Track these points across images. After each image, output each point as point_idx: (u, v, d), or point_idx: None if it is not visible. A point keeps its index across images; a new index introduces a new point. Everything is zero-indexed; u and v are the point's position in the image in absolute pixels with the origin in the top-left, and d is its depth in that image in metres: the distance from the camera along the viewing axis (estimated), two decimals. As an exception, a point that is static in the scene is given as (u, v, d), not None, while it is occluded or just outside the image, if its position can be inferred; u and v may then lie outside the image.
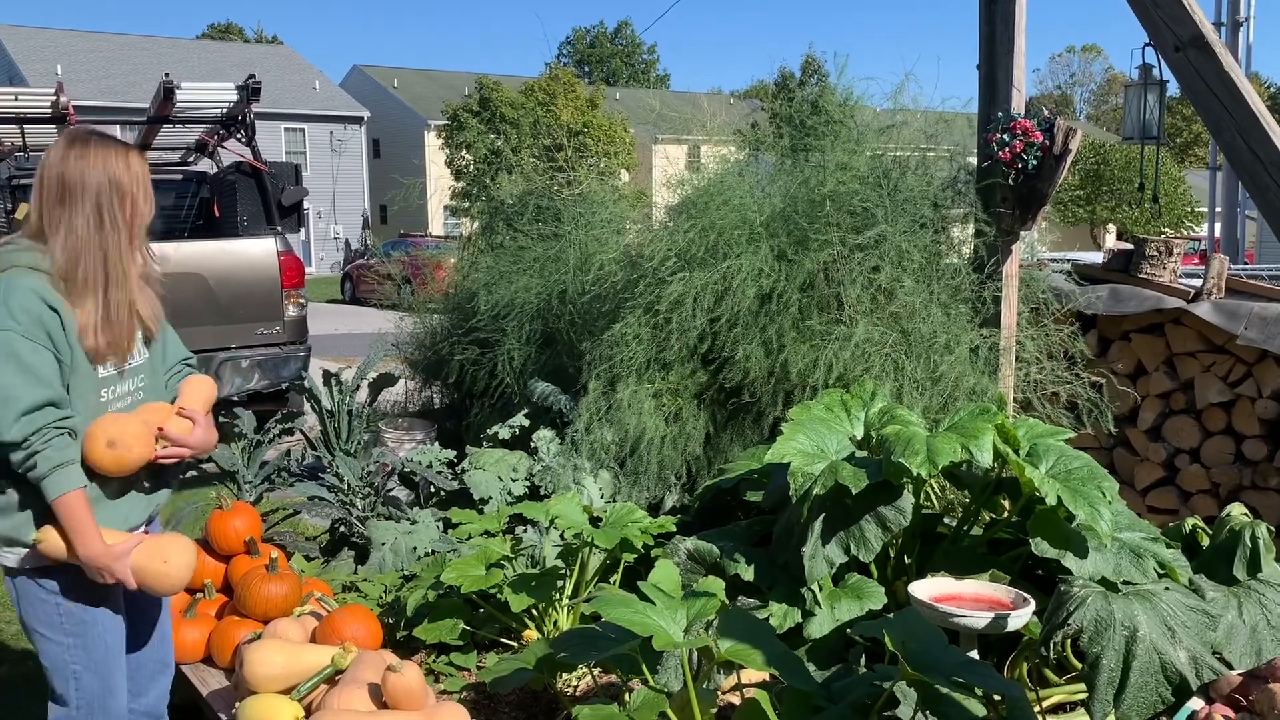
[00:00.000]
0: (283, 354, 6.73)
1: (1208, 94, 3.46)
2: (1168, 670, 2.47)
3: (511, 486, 4.14)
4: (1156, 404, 4.39)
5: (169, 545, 2.21)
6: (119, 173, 2.21)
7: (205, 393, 2.41)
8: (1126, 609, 2.53)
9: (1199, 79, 3.47)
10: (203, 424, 2.35)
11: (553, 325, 4.66)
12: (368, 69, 44.37)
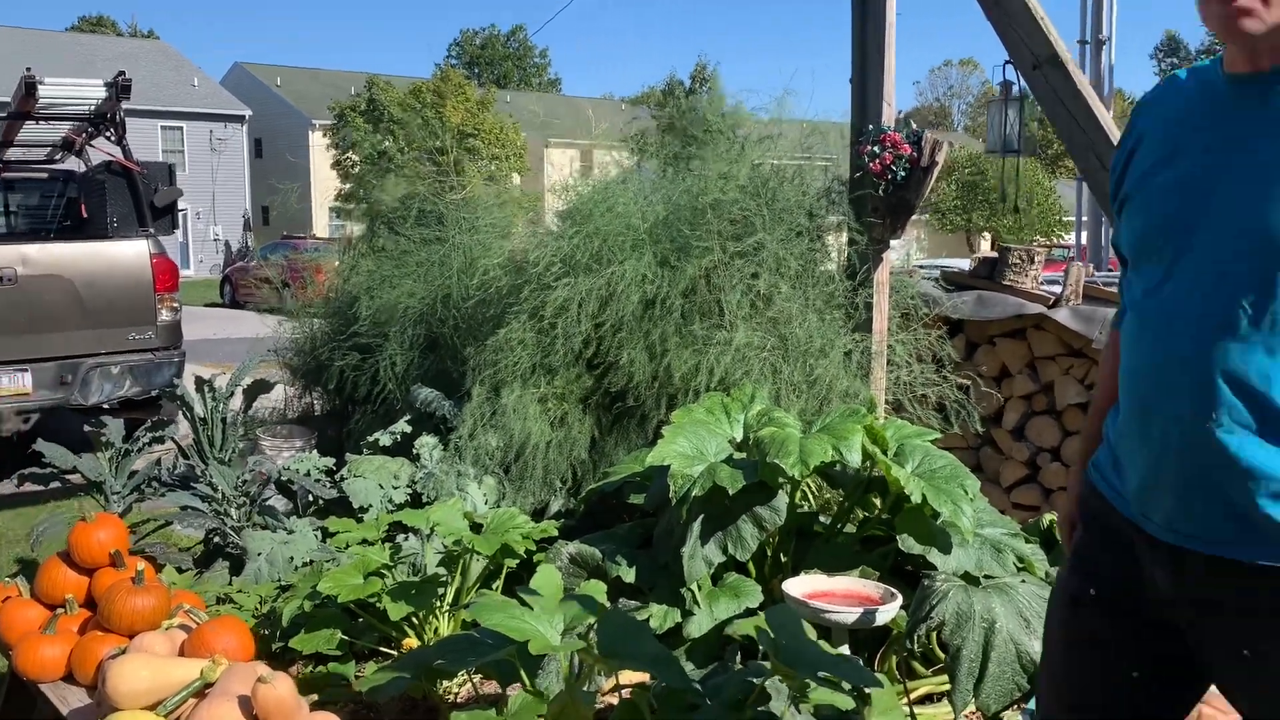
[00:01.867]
0: (155, 360, 6.51)
1: (1062, 110, 3.65)
2: (1023, 660, 2.60)
3: (393, 494, 4.10)
4: (1020, 405, 4.60)
5: None
6: None
7: None
8: (985, 602, 2.65)
9: (1054, 96, 3.66)
10: None
11: (436, 330, 4.64)
12: (250, 66, 43.18)
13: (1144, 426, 1.47)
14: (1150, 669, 1.56)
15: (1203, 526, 1.42)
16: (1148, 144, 1.55)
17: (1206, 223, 1.40)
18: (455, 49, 61.12)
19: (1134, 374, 1.50)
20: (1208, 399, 1.37)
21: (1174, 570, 1.46)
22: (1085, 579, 1.62)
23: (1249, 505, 1.37)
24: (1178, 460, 1.42)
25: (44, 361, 6.23)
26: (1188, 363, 1.40)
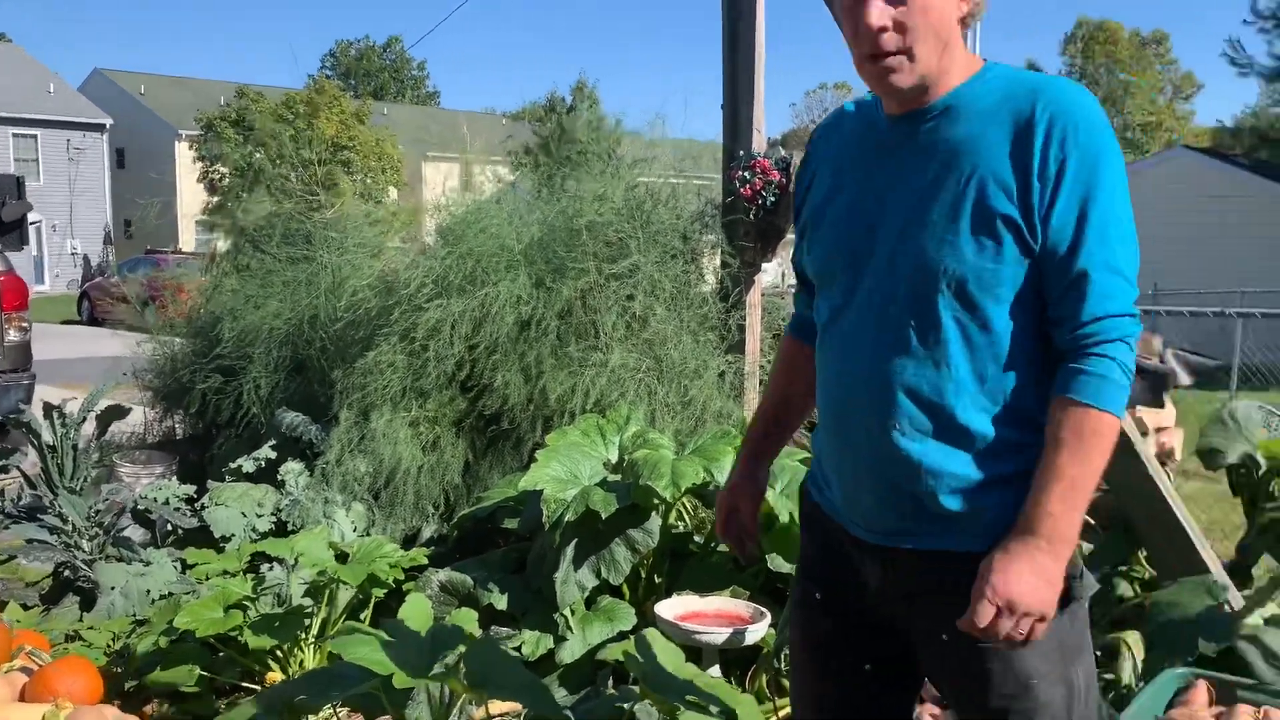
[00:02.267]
0: (3, 383, 6.17)
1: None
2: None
3: (256, 523, 3.96)
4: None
5: None
6: None
7: None
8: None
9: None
10: None
11: (303, 352, 4.51)
12: (111, 73, 41.46)
13: (841, 439, 1.62)
14: (875, 667, 1.69)
15: (897, 524, 1.57)
16: (821, 176, 1.69)
17: (873, 252, 1.56)
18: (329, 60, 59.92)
19: (828, 393, 1.65)
20: (889, 411, 1.54)
21: (880, 567, 1.61)
22: (811, 584, 1.75)
23: (933, 501, 1.53)
24: (870, 467, 1.58)
25: (-127, 384, 5.85)
26: (870, 380, 1.55)
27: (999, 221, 1.46)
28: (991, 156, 1.48)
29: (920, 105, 1.54)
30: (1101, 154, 1.47)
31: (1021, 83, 1.53)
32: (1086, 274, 1.45)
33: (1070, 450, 1.44)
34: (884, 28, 1.48)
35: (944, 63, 1.52)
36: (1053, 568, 1.44)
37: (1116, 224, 1.47)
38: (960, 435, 1.52)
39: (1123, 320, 1.46)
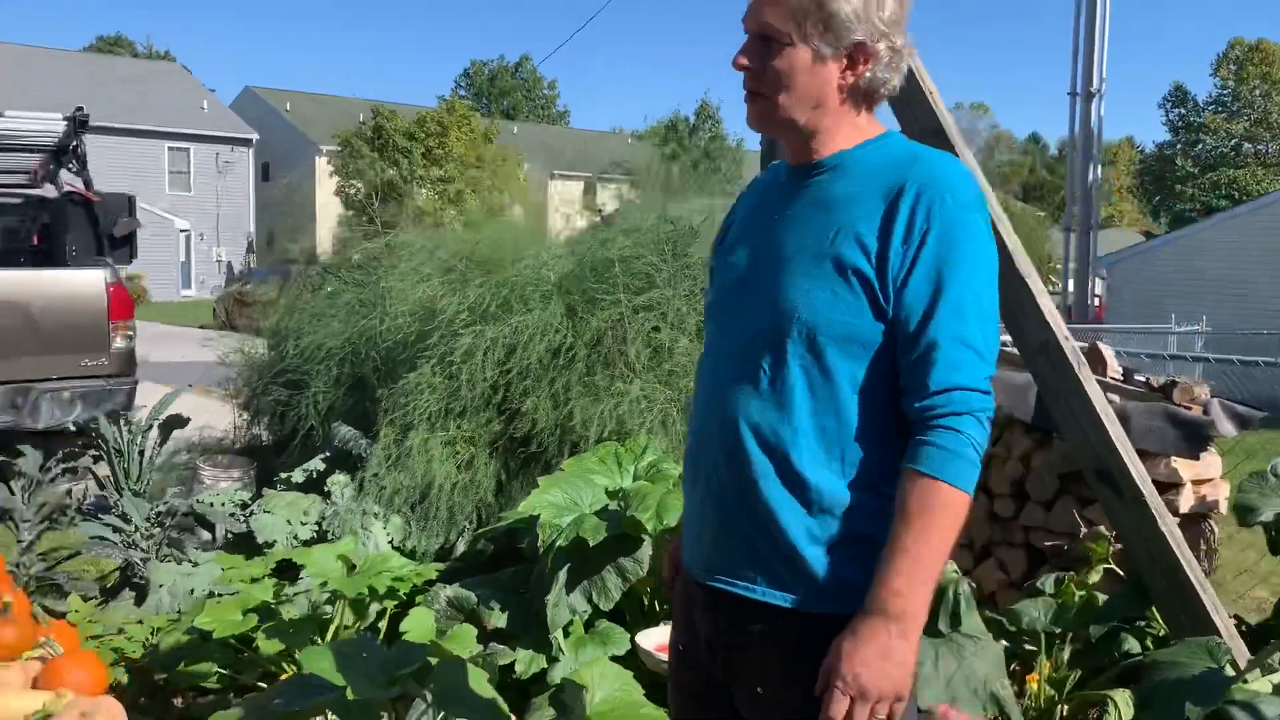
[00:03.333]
0: (107, 387, 6.64)
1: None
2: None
3: (299, 530, 4.21)
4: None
5: None
6: None
7: None
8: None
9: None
10: None
11: (359, 370, 4.76)
12: (260, 91, 43.72)
13: (692, 476, 1.67)
14: (728, 713, 1.66)
15: (727, 564, 1.59)
16: (735, 227, 1.77)
17: (748, 294, 1.62)
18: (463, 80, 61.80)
19: (690, 427, 1.71)
20: (734, 446, 1.57)
21: (710, 612, 1.63)
22: (678, 632, 1.78)
23: (768, 549, 1.54)
24: (714, 506, 1.60)
25: (-5, 385, 6.38)
26: (723, 414, 1.59)
27: (853, 277, 1.51)
28: (860, 216, 1.53)
29: (809, 160, 1.62)
30: (964, 228, 1.50)
31: (906, 152, 1.59)
32: (936, 344, 1.47)
33: (915, 525, 1.44)
34: (745, 66, 1.60)
35: (821, 121, 1.59)
36: (901, 647, 1.43)
37: (973, 299, 1.50)
38: (795, 483, 1.53)
39: (971, 395, 1.48)
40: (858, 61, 1.57)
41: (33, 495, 4.08)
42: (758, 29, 1.58)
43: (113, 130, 32.81)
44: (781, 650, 1.52)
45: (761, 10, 1.57)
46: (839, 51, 1.56)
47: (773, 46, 1.57)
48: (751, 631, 1.58)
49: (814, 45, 1.55)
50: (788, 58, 1.56)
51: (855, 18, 1.54)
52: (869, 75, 1.58)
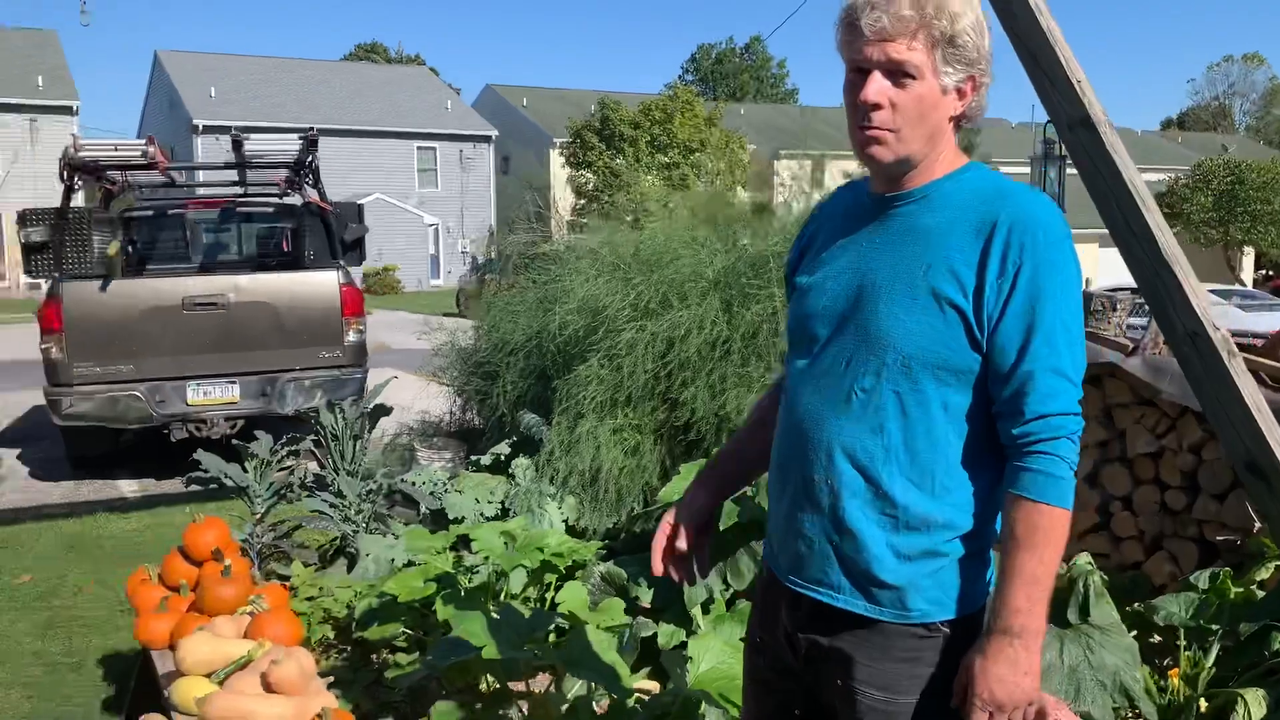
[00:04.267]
0: (341, 376, 7.44)
1: (1093, 170, 3.73)
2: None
3: (485, 509, 4.66)
4: (1094, 452, 4.60)
5: None
6: None
7: None
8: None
9: (1086, 156, 3.74)
10: None
11: (541, 362, 5.17)
12: (500, 88, 45.96)
13: (780, 483, 1.76)
14: (802, 713, 1.81)
15: (814, 574, 1.69)
16: (814, 245, 1.82)
17: (841, 319, 1.68)
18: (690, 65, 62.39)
19: (779, 438, 1.78)
20: (824, 466, 1.66)
21: (794, 612, 1.74)
22: (757, 624, 1.90)
23: (853, 561, 1.65)
24: (800, 515, 1.70)
25: (249, 375, 7.29)
26: (813, 434, 1.68)
27: (950, 310, 1.58)
28: (953, 250, 1.60)
29: (901, 189, 1.66)
30: (1055, 264, 1.57)
31: (992, 187, 1.64)
32: (1032, 374, 1.55)
33: (1026, 547, 1.55)
34: (878, 105, 1.59)
35: (929, 152, 1.63)
36: (1025, 659, 1.54)
37: (1064, 330, 1.57)
38: (885, 502, 1.62)
39: (1066, 419, 1.56)
40: (967, 92, 1.62)
41: (264, 474, 4.73)
42: (888, 63, 1.58)
43: (366, 133, 35.56)
44: (861, 655, 1.65)
45: (895, 43, 1.57)
46: (960, 81, 1.61)
47: (904, 81, 1.58)
48: (833, 635, 1.68)
49: (942, 79, 1.59)
50: (921, 93, 1.58)
51: (974, 50, 1.59)
52: (973, 104, 1.64)
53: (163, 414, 7.16)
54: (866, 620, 1.65)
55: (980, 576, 1.69)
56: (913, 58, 1.57)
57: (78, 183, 7.12)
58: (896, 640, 1.64)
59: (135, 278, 7.66)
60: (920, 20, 1.56)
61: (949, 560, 1.63)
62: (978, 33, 1.60)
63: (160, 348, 7.10)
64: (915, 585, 1.63)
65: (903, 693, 1.65)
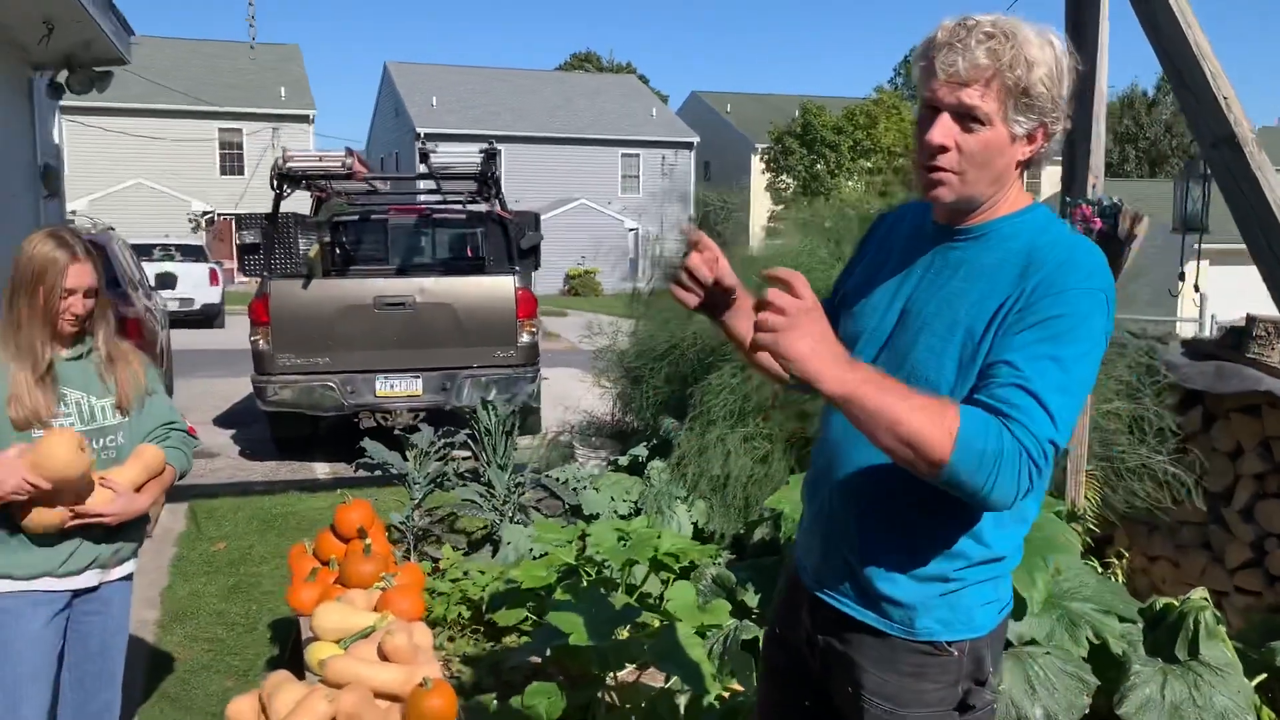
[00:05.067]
0: (514, 374, 7.87)
1: (1235, 189, 3.58)
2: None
3: (619, 507, 4.88)
4: (1251, 484, 4.36)
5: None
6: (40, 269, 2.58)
7: (143, 462, 2.74)
8: (994, 665, 2.87)
9: (1229, 175, 3.60)
10: (124, 494, 2.66)
11: (680, 369, 5.35)
12: (704, 95, 46.48)
13: (811, 493, 1.85)
14: (813, 706, 1.89)
15: (834, 583, 1.78)
16: (871, 258, 1.85)
17: (883, 341, 1.73)
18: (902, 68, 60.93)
19: (815, 450, 1.87)
20: (852, 486, 1.73)
21: (814, 614, 1.83)
22: (775, 617, 2.00)
23: (867, 576, 1.72)
24: (825, 527, 1.79)
25: (431, 371, 7.82)
26: (847, 455, 1.74)
27: (981, 354, 1.59)
28: (997, 292, 1.60)
29: (962, 224, 1.69)
30: (1078, 305, 1.55)
31: (1044, 233, 1.65)
32: (1006, 368, 1.52)
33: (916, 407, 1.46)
34: (944, 147, 1.60)
35: (993, 194, 1.65)
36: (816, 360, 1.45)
37: (1066, 371, 1.51)
38: (906, 526, 1.68)
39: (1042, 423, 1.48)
40: (1036, 138, 1.63)
41: (422, 464, 5.13)
42: (959, 106, 1.59)
43: (573, 140, 36.75)
44: (870, 665, 1.74)
45: (968, 89, 1.58)
46: (1030, 130, 1.61)
47: (973, 126, 1.59)
48: (847, 642, 1.77)
49: (1012, 127, 1.59)
50: (988, 139, 1.59)
51: (1049, 100, 1.59)
52: (1043, 149, 1.65)
53: (353, 403, 7.79)
54: (877, 632, 1.73)
55: (992, 602, 1.75)
56: (984, 105, 1.58)
57: (286, 190, 7.84)
58: (904, 655, 1.72)
59: (334, 278, 8.35)
60: (995, 69, 1.56)
61: (962, 585, 1.70)
62: (1052, 81, 1.59)
63: (353, 342, 7.73)
64: (926, 606, 1.69)
65: (906, 705, 1.73)
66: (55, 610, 2.70)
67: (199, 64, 35.34)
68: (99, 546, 2.72)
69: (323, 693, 2.79)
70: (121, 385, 2.77)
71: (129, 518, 2.71)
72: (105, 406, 2.75)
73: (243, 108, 34.17)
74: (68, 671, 2.82)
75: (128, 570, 2.88)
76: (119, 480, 2.67)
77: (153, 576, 5.35)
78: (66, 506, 2.58)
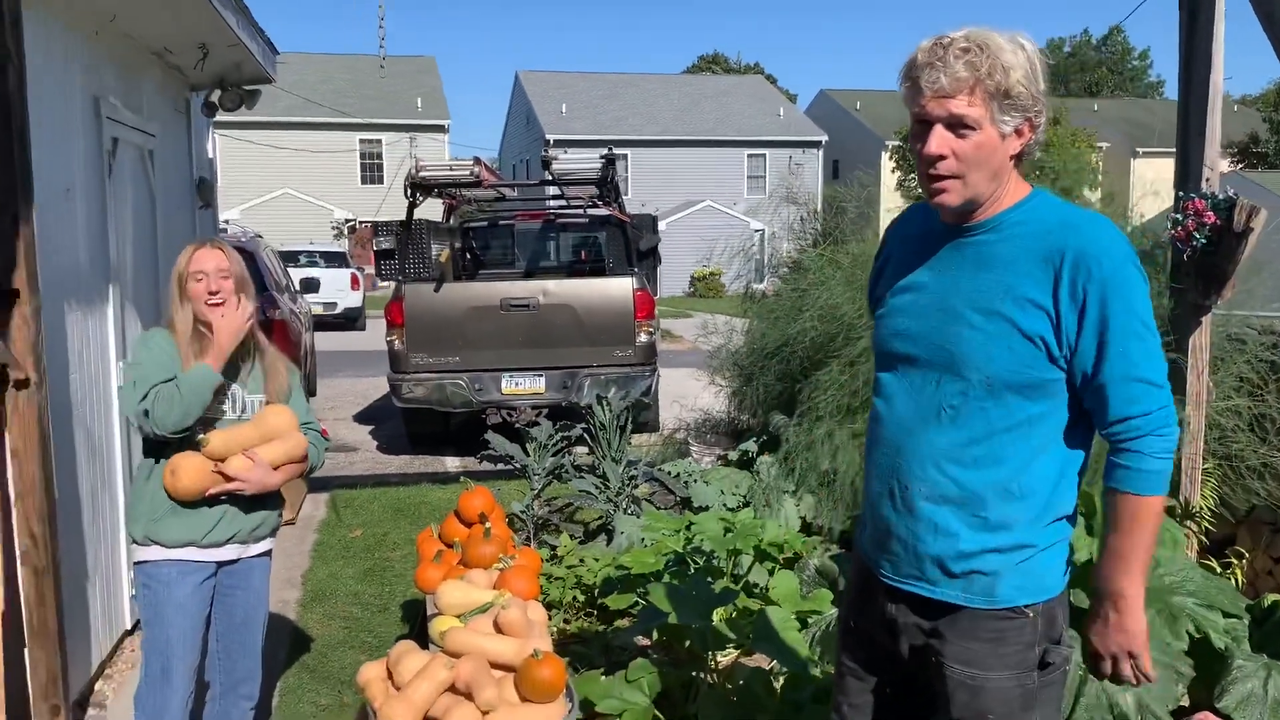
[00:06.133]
0: (632, 373, 8.08)
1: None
2: (1115, 710, 2.83)
3: (728, 500, 5.03)
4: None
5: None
6: (181, 266, 2.91)
7: (285, 446, 2.99)
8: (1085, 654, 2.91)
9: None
10: (262, 466, 2.90)
11: (790, 366, 5.46)
12: (833, 93, 46.04)
13: (876, 492, 1.97)
14: (893, 691, 2.02)
15: (911, 570, 1.91)
16: (892, 265, 2.01)
17: (927, 340, 1.88)
18: (1038, 57, 59.03)
19: (872, 450, 1.99)
20: (916, 474, 1.87)
21: (893, 604, 1.95)
22: (850, 612, 2.12)
23: (941, 557, 1.86)
24: (895, 518, 1.91)
25: (553, 369, 8.11)
26: (906, 445, 1.89)
27: (1032, 333, 1.77)
28: (1025, 278, 1.78)
29: (971, 221, 1.84)
30: (1120, 285, 1.75)
31: (1056, 217, 1.82)
32: (1111, 383, 1.75)
33: (1115, 529, 1.81)
34: (942, 155, 1.76)
35: (994, 190, 1.80)
36: (1117, 618, 1.83)
37: (1136, 339, 1.75)
38: (976, 504, 1.82)
39: (1149, 417, 1.76)
40: (1024, 133, 1.78)
41: (541, 457, 5.38)
42: (949, 117, 1.74)
43: (699, 142, 36.93)
44: (953, 636, 1.87)
45: (954, 99, 1.73)
46: (1017, 126, 1.76)
47: (965, 133, 1.74)
48: (928, 620, 1.90)
49: (1000, 127, 1.75)
50: (980, 141, 1.75)
51: (1028, 96, 1.74)
52: (1032, 141, 1.80)
53: (481, 400, 8.14)
54: (956, 607, 1.87)
55: (1059, 565, 1.89)
56: (971, 112, 1.74)
57: (419, 199, 8.25)
58: (984, 623, 1.86)
59: (463, 281, 8.73)
60: (976, 78, 1.73)
61: (1033, 552, 1.84)
62: (1029, 80, 1.75)
63: (481, 342, 8.08)
64: (1002, 575, 1.83)
65: (989, 669, 1.87)
66: (200, 579, 2.96)
67: (341, 78, 36.96)
68: (239, 521, 2.98)
69: (443, 661, 3.03)
70: (271, 382, 3.05)
71: (263, 489, 2.95)
72: (255, 401, 3.03)
73: (382, 119, 35.62)
74: (215, 640, 3.11)
75: (265, 547, 3.14)
76: (261, 454, 2.93)
77: (296, 559, 5.76)
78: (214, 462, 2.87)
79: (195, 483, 2.87)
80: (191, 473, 2.87)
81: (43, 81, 3.64)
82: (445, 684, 2.94)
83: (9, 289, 3.04)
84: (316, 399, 11.23)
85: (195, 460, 2.88)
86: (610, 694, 3.15)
